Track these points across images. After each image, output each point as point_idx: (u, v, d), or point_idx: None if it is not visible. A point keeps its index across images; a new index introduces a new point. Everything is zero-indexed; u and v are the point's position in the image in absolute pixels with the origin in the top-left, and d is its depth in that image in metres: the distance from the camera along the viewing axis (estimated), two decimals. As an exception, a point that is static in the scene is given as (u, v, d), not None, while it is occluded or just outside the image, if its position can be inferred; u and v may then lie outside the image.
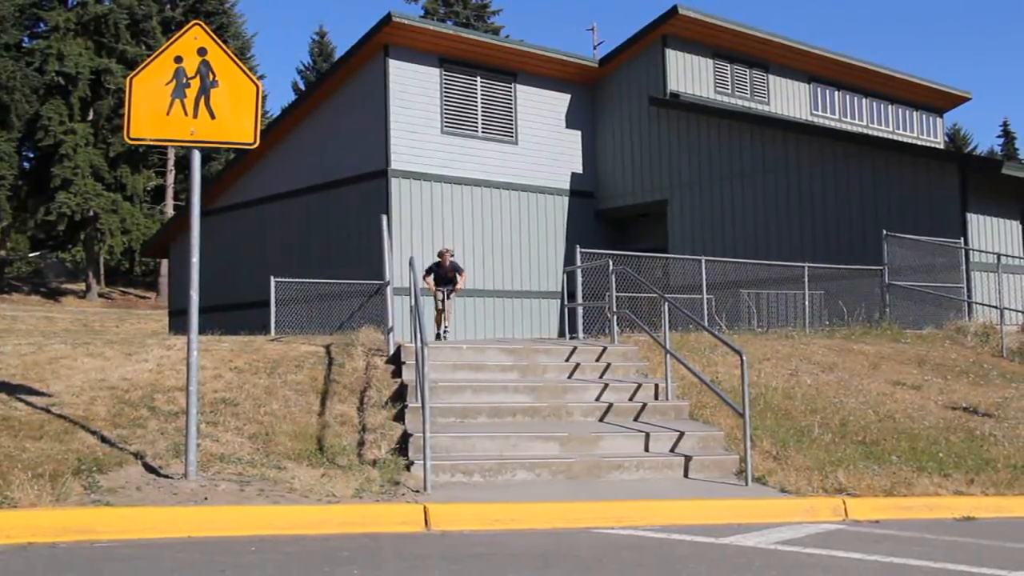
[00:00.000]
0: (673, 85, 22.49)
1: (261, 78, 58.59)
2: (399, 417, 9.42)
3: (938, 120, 29.77)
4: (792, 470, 8.95)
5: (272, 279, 18.27)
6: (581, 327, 14.23)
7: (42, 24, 48.70)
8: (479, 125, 21.80)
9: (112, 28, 47.59)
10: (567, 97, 23.31)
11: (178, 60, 7.88)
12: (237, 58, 8.15)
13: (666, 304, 11.00)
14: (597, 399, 10.39)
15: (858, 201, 19.18)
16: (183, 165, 48.48)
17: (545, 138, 22.81)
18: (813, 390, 11.84)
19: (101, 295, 51.00)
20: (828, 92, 26.26)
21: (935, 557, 6.37)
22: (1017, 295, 18.28)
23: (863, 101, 27.19)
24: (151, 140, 8.11)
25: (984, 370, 13.91)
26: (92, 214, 46.12)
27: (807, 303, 17.18)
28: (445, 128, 21.24)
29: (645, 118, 22.71)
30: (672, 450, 9.36)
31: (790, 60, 24.92)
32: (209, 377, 9.95)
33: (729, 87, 23.77)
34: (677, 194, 22.11)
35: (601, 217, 23.50)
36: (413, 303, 9.53)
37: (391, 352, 10.96)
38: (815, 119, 25.23)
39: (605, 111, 23.52)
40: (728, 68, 23.81)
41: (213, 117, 7.89)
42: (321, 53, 62.97)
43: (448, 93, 21.36)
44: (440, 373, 10.37)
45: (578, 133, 23.44)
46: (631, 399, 10.48)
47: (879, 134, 25.35)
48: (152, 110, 7.81)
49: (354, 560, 5.87)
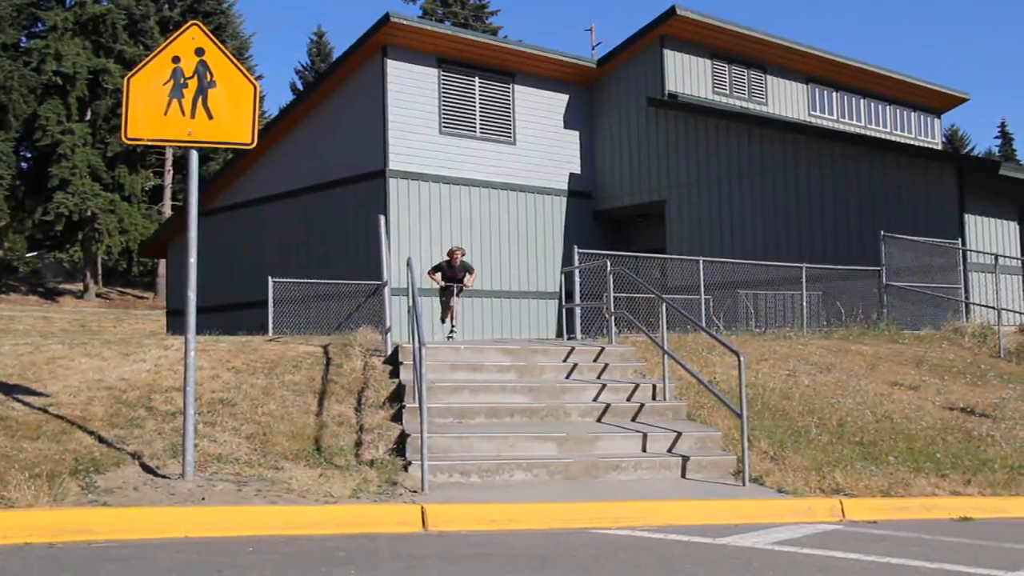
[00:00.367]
0: (671, 86, 22.51)
1: (259, 78, 58.63)
2: (397, 417, 9.42)
3: (936, 121, 29.81)
4: (789, 470, 8.95)
5: (270, 279, 18.26)
6: (579, 328, 14.24)
7: (40, 24, 48.67)
8: (477, 125, 21.81)
9: (110, 28, 47.57)
10: (565, 98, 23.32)
11: (176, 60, 7.86)
12: (235, 58, 8.15)
13: (664, 305, 11.02)
14: (595, 399, 10.39)
15: (856, 202, 19.19)
16: (181, 165, 48.49)
17: (543, 138, 22.82)
18: (811, 391, 11.84)
19: (99, 295, 50.96)
20: (826, 93, 26.28)
21: (932, 557, 6.38)
22: (1015, 296, 18.31)
23: (861, 102, 27.22)
24: (148, 140, 8.12)
25: (981, 371, 13.92)
26: (90, 214, 46.09)
27: (805, 304, 17.19)
28: (443, 128, 21.25)
29: (643, 119, 22.73)
30: (670, 450, 9.36)
31: (788, 61, 24.94)
32: (207, 377, 9.95)
33: (727, 88, 23.79)
34: (675, 195, 22.13)
35: (599, 218, 23.52)
36: (411, 304, 9.53)
37: (389, 352, 10.96)
38: (813, 120, 25.25)
39: (603, 112, 23.53)
40: (726, 69, 23.83)
41: (211, 117, 7.88)
42: (319, 53, 62.98)
43: (446, 93, 21.36)
44: (438, 373, 10.37)
45: (576, 134, 23.45)
46: (629, 399, 10.49)
47: (877, 135, 25.38)
48: (150, 110, 7.80)
49: (351, 560, 5.87)
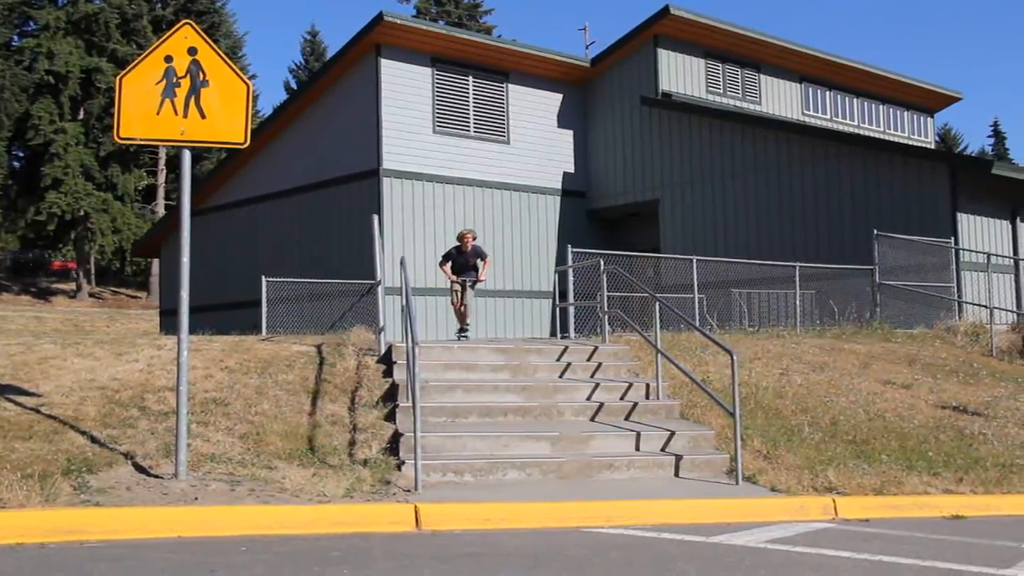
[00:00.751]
0: (665, 85, 22.52)
1: (252, 77, 58.59)
2: (390, 417, 9.41)
3: (929, 120, 29.87)
4: (782, 469, 8.97)
5: (263, 279, 18.22)
6: (573, 327, 14.25)
7: (32, 23, 48.58)
8: (471, 125, 21.80)
9: (103, 27, 47.50)
10: (559, 97, 23.33)
11: (168, 60, 7.86)
12: (228, 57, 8.14)
13: (657, 304, 11.02)
14: (588, 398, 10.40)
15: (849, 201, 19.23)
16: (174, 164, 48.43)
17: (537, 138, 22.82)
18: (804, 389, 11.87)
19: (92, 295, 50.87)
20: (819, 92, 26.33)
21: (924, 555, 6.40)
22: (1007, 295, 18.36)
23: (854, 101, 27.27)
24: (141, 140, 8.12)
25: (974, 369, 13.96)
26: (83, 214, 45.99)
27: (798, 302, 17.21)
28: (437, 128, 21.24)
29: (637, 118, 22.74)
30: (663, 449, 9.37)
31: (782, 60, 24.97)
32: (200, 377, 9.93)
33: (721, 87, 23.81)
34: (669, 194, 22.15)
35: (593, 217, 23.53)
36: (404, 303, 9.53)
37: (382, 352, 10.96)
38: (806, 119, 25.29)
39: (597, 111, 23.53)
40: (720, 68, 23.85)
41: (203, 117, 7.88)
42: (313, 52, 62.95)
43: (440, 93, 21.35)
44: (431, 373, 10.37)
45: (570, 133, 23.46)
46: (622, 398, 10.50)
47: (870, 134, 25.42)
48: (142, 110, 7.79)
49: (345, 560, 5.87)
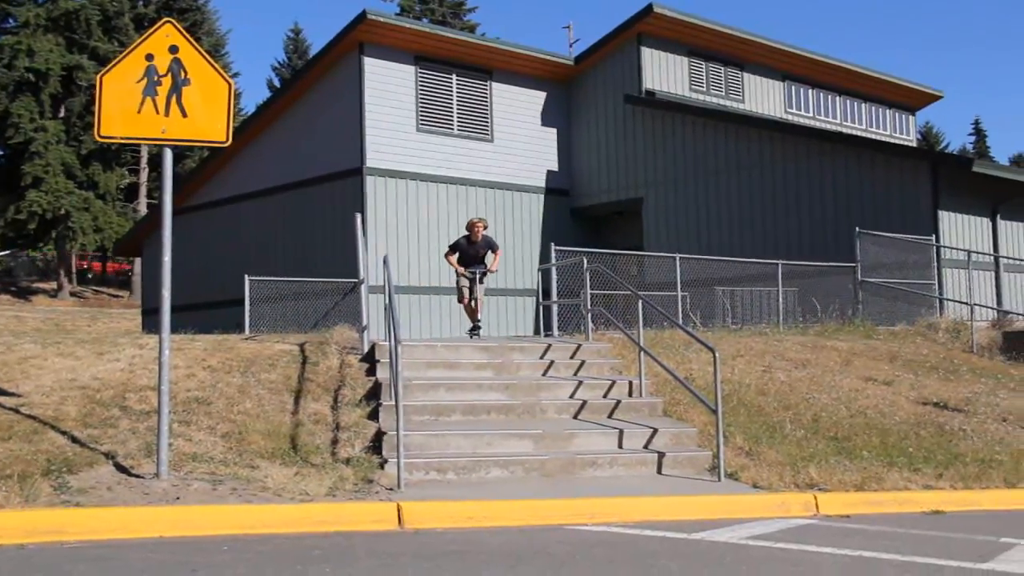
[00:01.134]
0: (648, 83, 22.56)
1: (235, 75, 58.30)
2: (373, 415, 9.41)
3: (911, 118, 30.05)
4: (764, 466, 9.02)
5: (247, 277, 18.17)
6: (556, 325, 14.26)
7: (11, 20, 48.10)
8: (455, 123, 21.78)
9: (84, 24, 47.12)
10: (543, 95, 23.33)
11: (149, 58, 7.82)
12: (211, 55, 8.12)
13: (640, 302, 11.05)
14: (571, 396, 10.42)
15: (831, 198, 19.32)
16: (156, 163, 47.96)
17: (521, 136, 22.82)
18: (786, 386, 11.93)
19: (73, 294, 50.52)
20: (802, 90, 26.43)
21: (904, 551, 6.44)
22: (987, 292, 18.49)
23: (837, 99, 27.40)
24: (122, 139, 8.09)
25: (954, 366, 14.06)
26: (64, 212, 45.67)
27: (781, 300, 17.29)
28: (421, 126, 21.21)
29: (620, 116, 22.78)
30: (646, 447, 9.40)
31: (765, 58, 25.06)
32: (182, 376, 9.90)
33: (704, 85, 23.87)
34: (652, 192, 22.19)
35: (577, 215, 23.55)
36: (388, 301, 9.52)
37: (365, 350, 10.95)
38: (789, 117, 25.39)
39: (581, 109, 23.56)
40: (703, 66, 23.91)
41: (185, 115, 7.85)
42: (296, 50, 62.70)
43: (424, 91, 21.33)
44: (414, 371, 10.37)
45: (554, 131, 23.47)
46: (605, 396, 10.52)
47: (853, 132, 25.52)
48: (123, 108, 7.75)
49: (327, 558, 5.86)
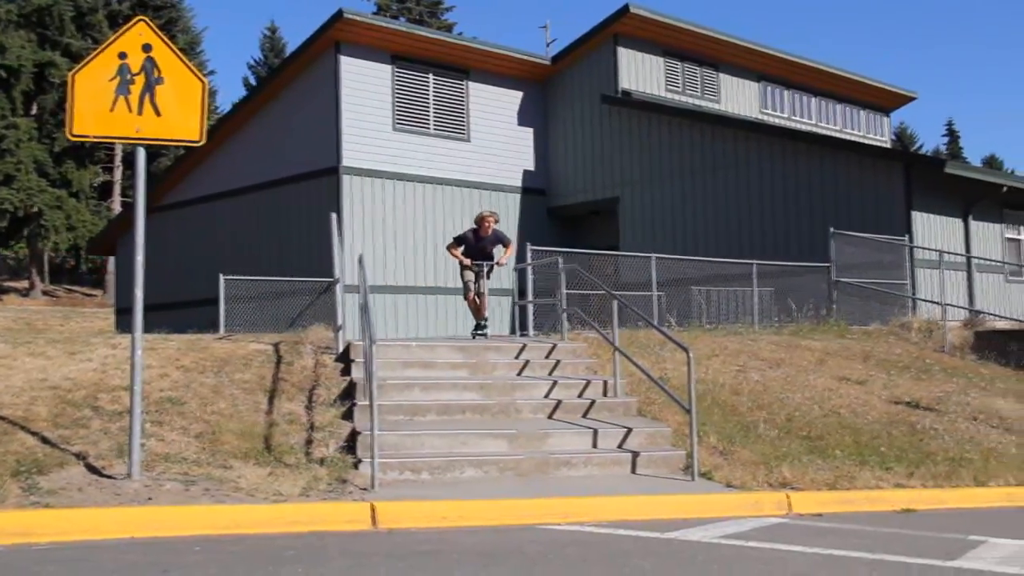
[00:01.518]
0: (625, 83, 22.62)
1: (211, 74, 57.99)
2: (348, 415, 9.38)
3: (885, 119, 30.29)
4: (738, 465, 9.07)
5: (221, 276, 18.05)
6: (532, 325, 14.28)
7: (-17, 16, 47.62)
8: (431, 122, 21.76)
9: (57, 20, 46.70)
10: (519, 95, 23.35)
11: (122, 56, 7.76)
12: (186, 53, 8.08)
13: (615, 302, 11.08)
14: (546, 396, 10.44)
15: (806, 198, 19.45)
16: (130, 161, 47.56)
17: (497, 135, 22.82)
18: (760, 386, 12.00)
19: (45, 293, 50.05)
20: (777, 91, 26.59)
21: (874, 549, 6.50)
22: (959, 292, 18.67)
23: (812, 100, 27.58)
24: (94, 137, 8.03)
25: (927, 365, 14.20)
26: (36, 210, 45.23)
27: (756, 300, 17.39)
28: (397, 125, 21.17)
29: (597, 116, 22.83)
30: (620, 446, 9.43)
31: (740, 59, 25.19)
32: (155, 376, 9.83)
33: (680, 86, 23.97)
34: (628, 192, 22.26)
35: (553, 215, 23.58)
36: (362, 301, 9.50)
37: (340, 350, 10.92)
38: (765, 117, 25.53)
39: (557, 109, 23.59)
40: (679, 67, 24.01)
41: (158, 114, 7.80)
42: (272, 49, 62.35)
43: (400, 90, 21.29)
44: (389, 371, 10.35)
45: (530, 131, 23.49)
46: (580, 396, 10.55)
47: (827, 133, 25.70)
48: (96, 107, 7.69)
49: (300, 559, 5.85)
